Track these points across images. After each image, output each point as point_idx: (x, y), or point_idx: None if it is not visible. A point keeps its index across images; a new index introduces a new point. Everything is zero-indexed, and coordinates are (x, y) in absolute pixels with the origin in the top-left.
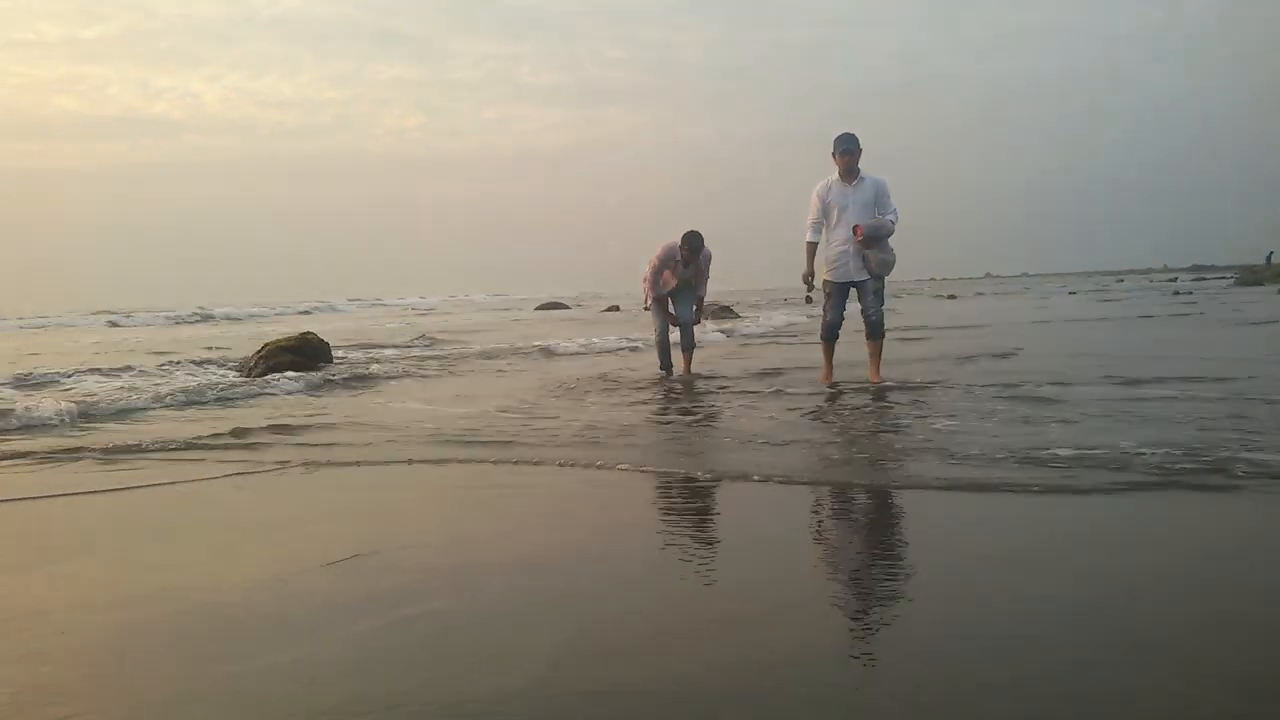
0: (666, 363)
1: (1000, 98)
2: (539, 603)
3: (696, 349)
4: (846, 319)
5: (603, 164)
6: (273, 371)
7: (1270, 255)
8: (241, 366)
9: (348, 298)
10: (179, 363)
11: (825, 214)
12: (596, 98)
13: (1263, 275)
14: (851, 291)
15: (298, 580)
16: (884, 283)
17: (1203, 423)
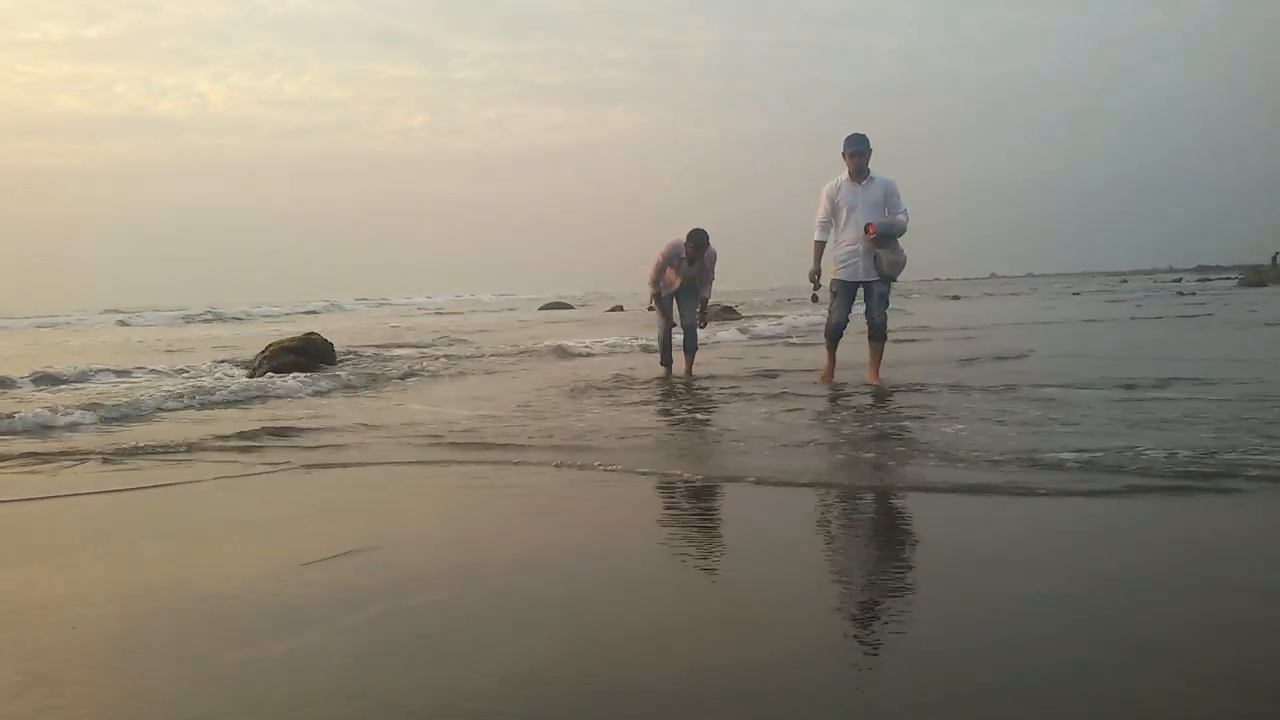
0: (667, 358)
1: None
2: (539, 603)
3: (702, 348)
4: (850, 320)
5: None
6: (276, 372)
7: (1276, 256)
8: (249, 367)
9: (355, 297)
10: (185, 368)
11: (834, 214)
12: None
13: (1267, 276)
14: (857, 293)
15: (296, 580)
16: (890, 285)
17: (1213, 425)
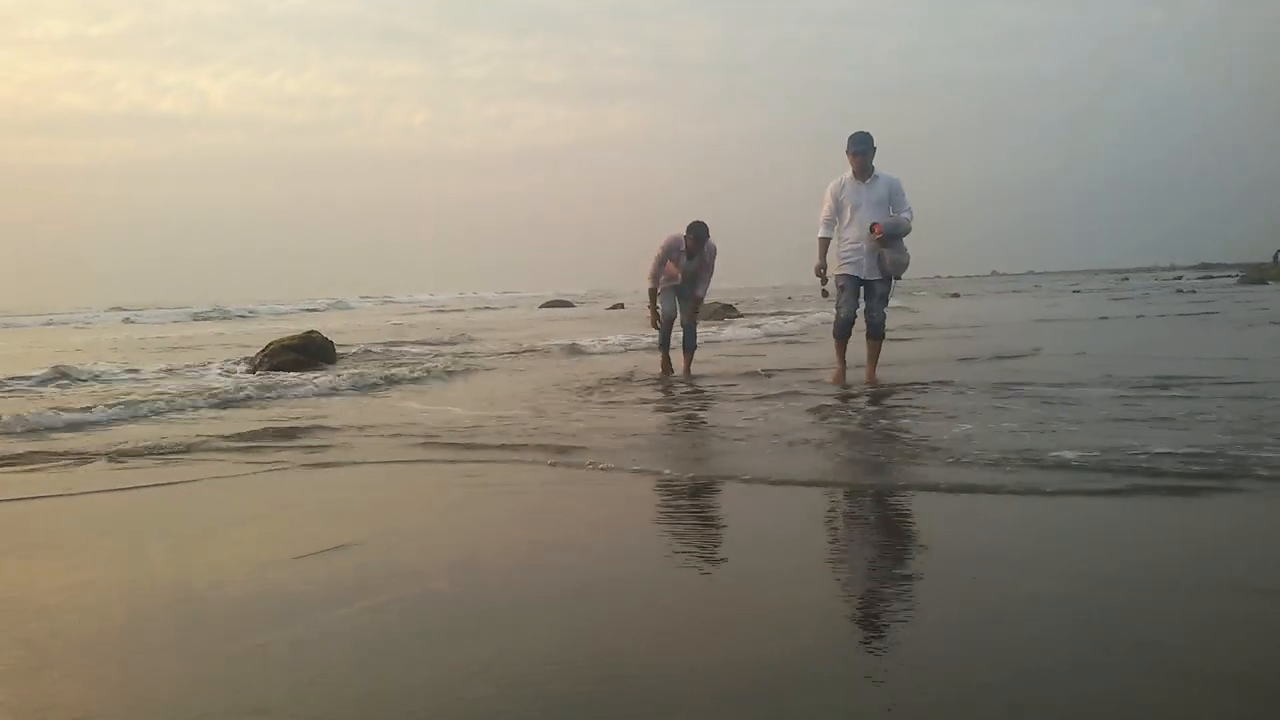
0: (666, 342)
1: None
2: (539, 603)
3: (702, 346)
4: (856, 316)
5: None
6: (276, 370)
7: (1277, 254)
8: (251, 364)
9: (360, 295)
10: (188, 366)
11: (838, 211)
12: (599, 95)
13: (1268, 273)
14: (861, 289)
15: (293, 575)
16: (891, 285)
17: (1220, 424)
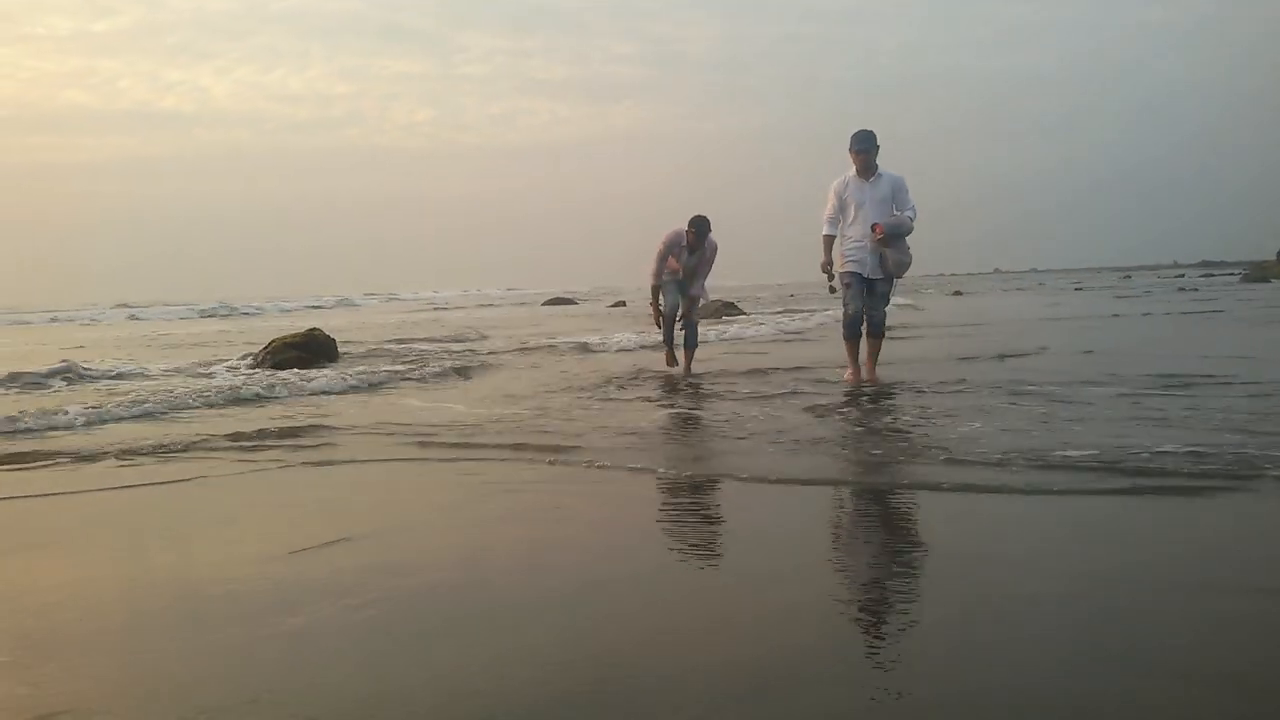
0: (669, 336)
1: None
2: (539, 601)
3: (703, 345)
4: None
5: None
6: (278, 368)
7: None
8: (253, 361)
9: (364, 292)
10: (191, 364)
11: (842, 210)
12: (602, 93)
13: (1270, 271)
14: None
15: (292, 571)
16: (892, 284)
17: (1225, 423)
